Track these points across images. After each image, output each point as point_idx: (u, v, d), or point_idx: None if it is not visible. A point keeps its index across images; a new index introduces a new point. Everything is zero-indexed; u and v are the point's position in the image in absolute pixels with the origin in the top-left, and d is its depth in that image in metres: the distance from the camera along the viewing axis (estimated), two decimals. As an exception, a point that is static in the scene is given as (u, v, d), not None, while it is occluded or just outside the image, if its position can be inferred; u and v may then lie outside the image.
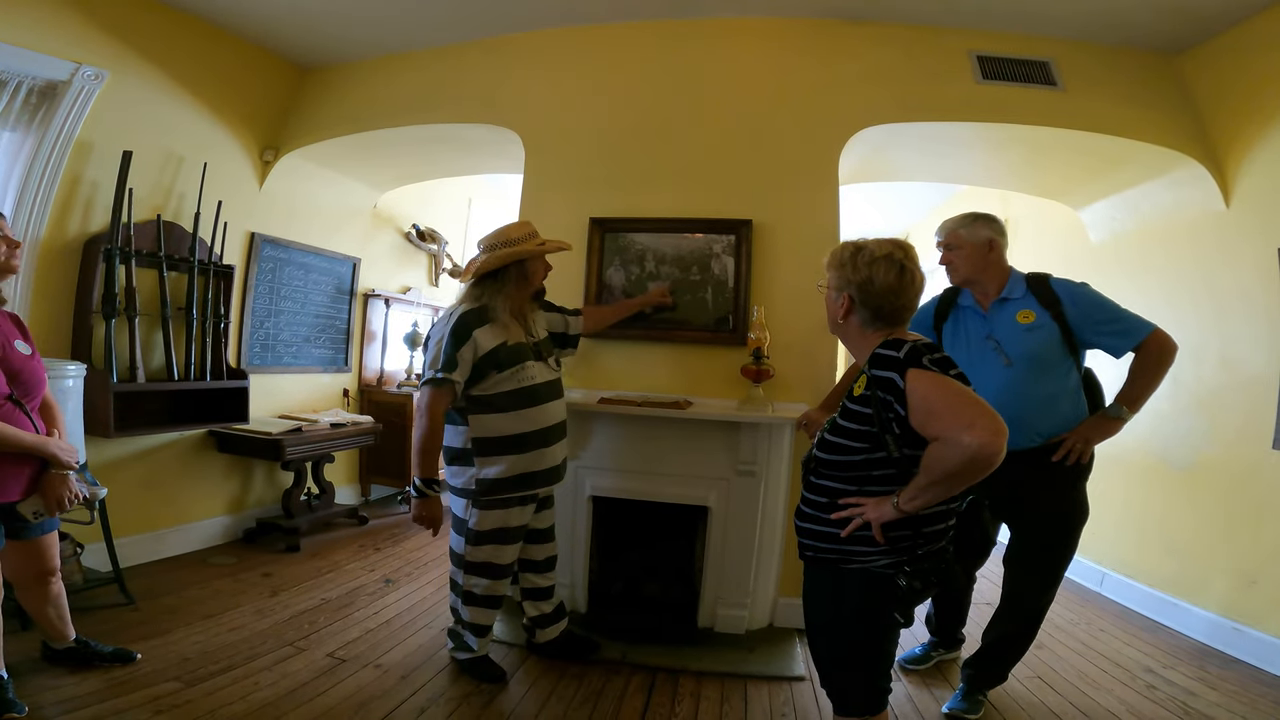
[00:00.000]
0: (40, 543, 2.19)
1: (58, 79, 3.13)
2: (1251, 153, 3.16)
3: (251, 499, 4.38)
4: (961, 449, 1.34)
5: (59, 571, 2.31)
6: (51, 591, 2.30)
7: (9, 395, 1.98)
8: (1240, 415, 3.20)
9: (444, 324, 2.48)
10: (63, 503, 2.11)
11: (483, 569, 2.57)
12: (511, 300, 2.54)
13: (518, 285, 2.56)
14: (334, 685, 2.49)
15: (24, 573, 2.20)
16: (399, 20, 3.81)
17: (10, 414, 1.98)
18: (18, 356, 2.05)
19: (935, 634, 2.89)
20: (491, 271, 2.54)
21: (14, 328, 2.14)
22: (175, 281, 3.71)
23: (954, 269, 2.41)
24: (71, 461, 2.13)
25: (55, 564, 2.28)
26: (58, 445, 2.10)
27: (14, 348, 2.06)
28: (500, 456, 2.50)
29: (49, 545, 2.24)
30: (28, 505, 2.06)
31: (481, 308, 2.50)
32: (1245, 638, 3.05)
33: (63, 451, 2.10)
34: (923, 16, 3.43)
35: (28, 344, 2.14)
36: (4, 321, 2.10)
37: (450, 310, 2.54)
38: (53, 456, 2.06)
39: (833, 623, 1.66)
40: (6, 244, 2.05)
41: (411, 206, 5.81)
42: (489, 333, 2.46)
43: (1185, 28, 3.24)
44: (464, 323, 2.44)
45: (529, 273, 2.61)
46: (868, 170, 4.10)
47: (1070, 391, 2.25)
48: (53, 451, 2.06)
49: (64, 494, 2.11)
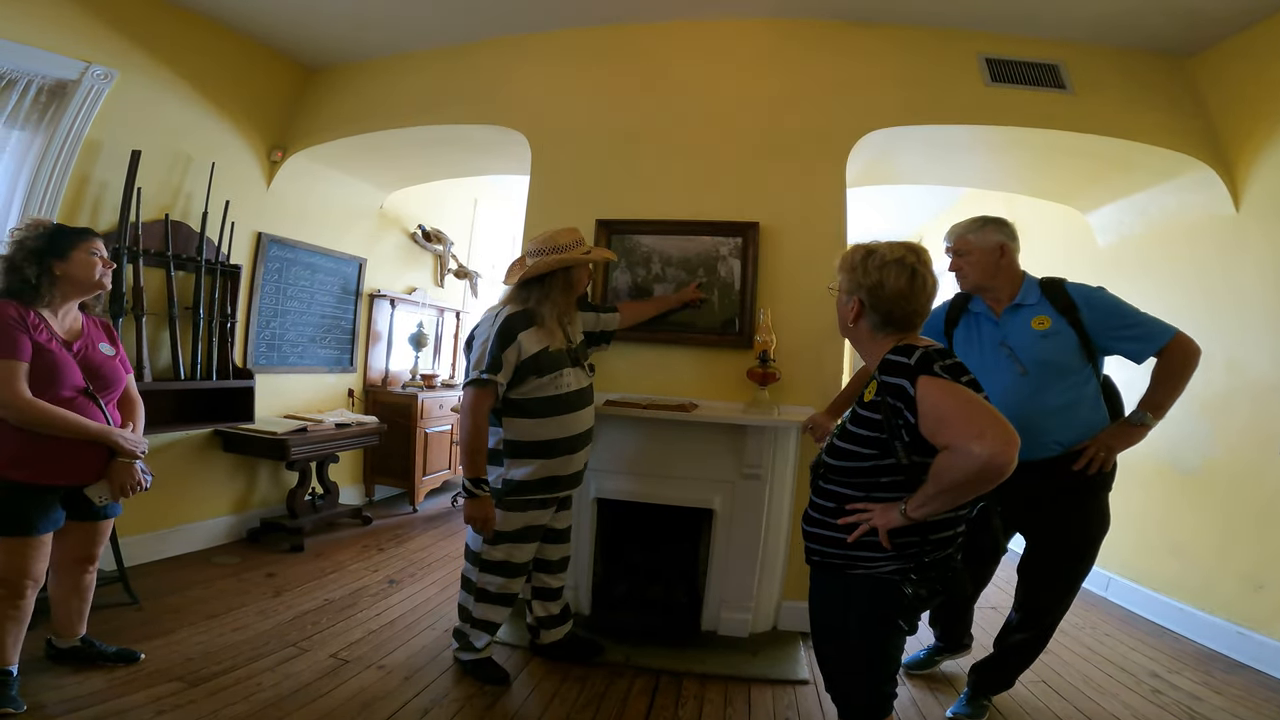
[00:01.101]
0: (97, 527, 2.38)
1: (67, 78, 3.14)
2: (1262, 156, 3.14)
3: (256, 499, 4.39)
4: (971, 458, 1.32)
5: (98, 561, 2.45)
6: (84, 580, 2.43)
7: (85, 389, 2.22)
8: (1247, 419, 3.19)
9: (489, 325, 2.48)
10: (126, 489, 2.30)
11: (499, 567, 2.58)
12: (557, 306, 2.55)
13: (563, 291, 2.58)
14: (337, 686, 2.49)
15: (70, 556, 2.35)
16: (406, 21, 3.82)
17: (84, 405, 2.21)
18: (99, 356, 2.32)
19: (940, 638, 2.86)
20: (537, 276, 2.54)
21: (100, 331, 2.42)
22: (182, 281, 3.72)
23: (963, 276, 2.35)
24: (135, 450, 2.31)
25: (98, 551, 2.43)
26: (121, 434, 2.28)
27: (97, 349, 2.33)
28: (530, 460, 2.52)
29: (102, 532, 2.41)
30: (95, 490, 2.26)
31: (527, 311, 2.50)
32: (1251, 642, 3.03)
33: (126, 440, 2.28)
34: (932, 19, 3.42)
35: (112, 346, 2.41)
36: (92, 326, 2.38)
37: (495, 311, 2.54)
38: (115, 444, 2.25)
39: (838, 628, 1.66)
40: (103, 263, 2.32)
41: (417, 207, 5.82)
42: (533, 336, 2.47)
43: (1195, 31, 3.23)
44: (510, 325, 2.45)
45: (574, 280, 2.62)
46: (874, 173, 4.08)
47: (1089, 399, 2.18)
48: (115, 439, 2.25)
49: (128, 481, 2.30)
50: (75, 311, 2.33)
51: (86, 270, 2.26)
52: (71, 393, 2.17)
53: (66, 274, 2.21)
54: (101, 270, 2.31)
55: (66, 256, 2.21)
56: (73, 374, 2.18)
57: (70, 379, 2.17)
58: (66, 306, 2.27)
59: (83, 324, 2.34)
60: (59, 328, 2.22)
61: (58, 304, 2.23)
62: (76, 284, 2.25)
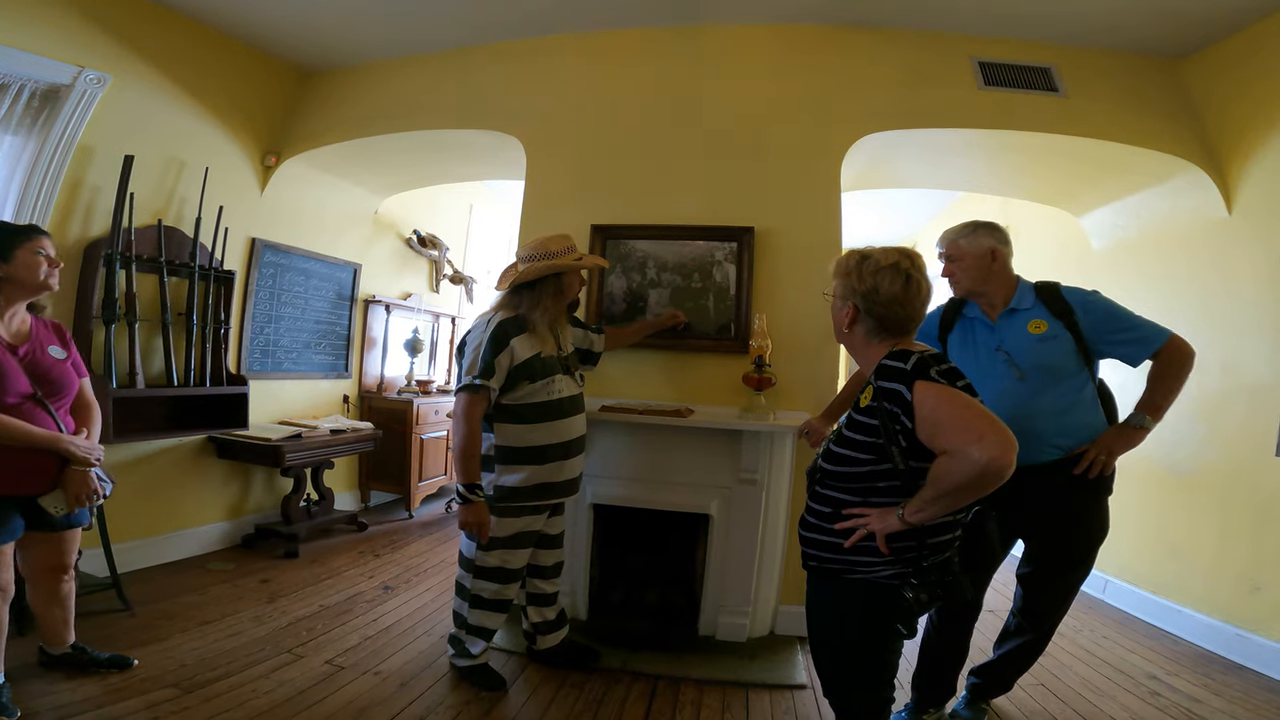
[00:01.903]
0: (62, 537, 2.29)
1: (60, 83, 3.13)
2: (1254, 159, 3.16)
3: (250, 505, 4.36)
4: (970, 462, 1.32)
5: (72, 570, 2.38)
6: (62, 590, 2.37)
7: (32, 395, 2.11)
8: (1242, 422, 3.20)
9: (481, 330, 2.48)
10: (81, 499, 2.19)
11: (493, 573, 2.57)
12: (548, 312, 2.55)
13: (554, 298, 2.57)
14: (332, 693, 2.47)
15: (40, 566, 2.28)
16: (402, 25, 3.82)
17: (31, 412, 2.10)
18: (48, 360, 2.20)
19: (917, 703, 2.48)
20: (529, 282, 2.54)
21: (50, 334, 2.29)
22: (176, 287, 3.71)
23: (956, 281, 2.32)
24: (87, 457, 2.20)
25: (70, 560, 2.35)
26: (72, 441, 2.16)
27: (46, 352, 2.21)
28: (522, 466, 2.51)
29: (69, 541, 2.33)
30: (50, 500, 2.15)
31: (519, 317, 2.50)
32: (1249, 644, 3.04)
33: (77, 448, 2.17)
34: (925, 22, 3.43)
35: (64, 349, 2.29)
36: (42, 329, 2.26)
37: (487, 317, 2.54)
38: (67, 452, 2.14)
39: (836, 633, 1.65)
40: (49, 263, 2.20)
41: (413, 212, 5.82)
42: (525, 342, 2.47)
43: (1187, 33, 3.25)
44: (503, 330, 2.45)
45: (565, 286, 2.62)
46: (869, 177, 4.10)
47: (1086, 402, 2.18)
48: (66, 447, 2.14)
49: (83, 490, 2.19)
50: (23, 313, 2.22)
51: (31, 272, 2.14)
52: (17, 399, 2.07)
53: (10, 275, 2.11)
54: (47, 270, 2.19)
55: (9, 257, 2.10)
56: (17, 380, 2.07)
57: (15, 385, 2.06)
58: (13, 309, 2.16)
59: (31, 326, 2.23)
60: (4, 331, 2.12)
61: (2, 307, 2.12)
62: (21, 286, 2.14)
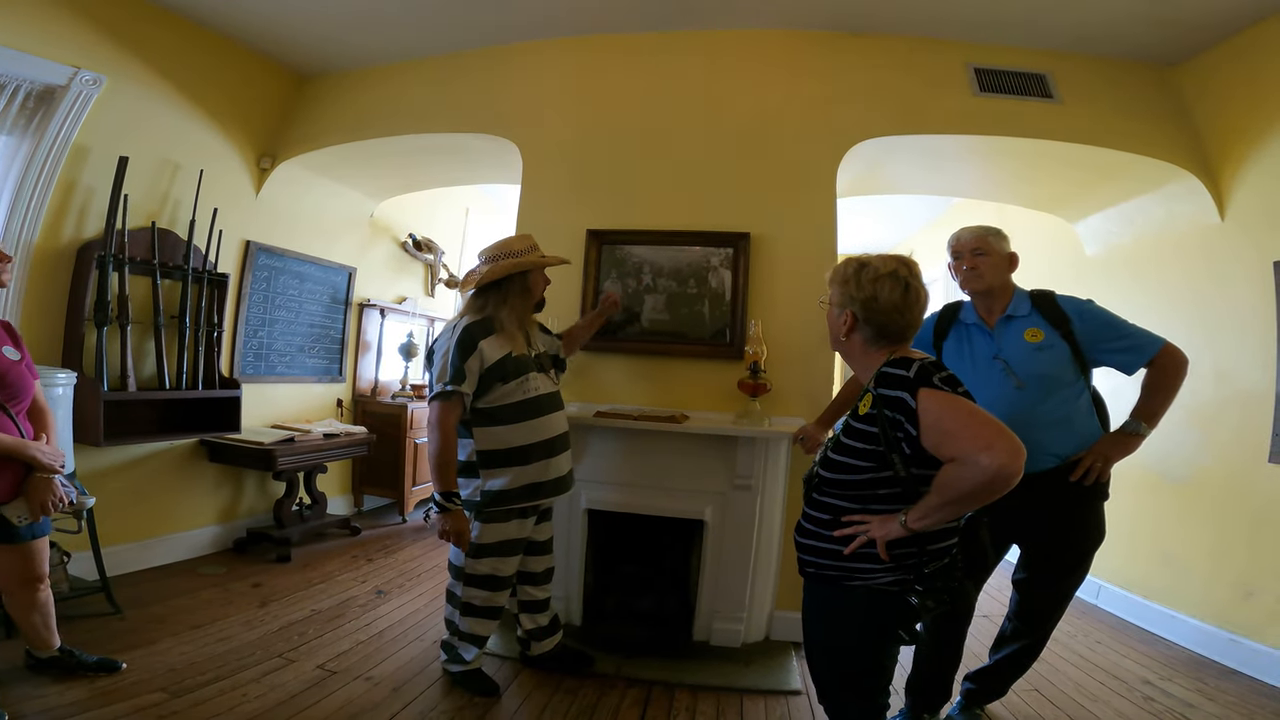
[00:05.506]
0: (29, 548, 2.18)
1: (55, 83, 3.12)
2: (1246, 166, 3.18)
3: (242, 509, 4.34)
4: (980, 470, 1.31)
5: (47, 579, 2.31)
6: (39, 599, 2.29)
7: None
8: (1236, 429, 3.21)
9: (448, 336, 2.46)
10: (46, 507, 2.10)
11: (483, 581, 2.55)
12: (515, 311, 2.54)
13: (520, 296, 2.57)
14: (324, 698, 2.45)
15: (11, 578, 2.20)
16: (398, 29, 3.82)
17: None
18: (4, 361, 2.08)
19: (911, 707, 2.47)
20: (494, 282, 2.53)
21: (3, 334, 2.18)
22: (169, 289, 3.69)
23: (978, 275, 2.29)
24: (53, 465, 2.13)
25: (43, 570, 2.28)
26: (38, 448, 2.09)
27: (1, 353, 2.09)
28: (505, 468, 2.49)
29: (37, 551, 2.23)
30: (12, 509, 2.06)
31: (486, 319, 2.49)
32: (1242, 649, 3.04)
33: (44, 455, 2.10)
34: (921, 29, 3.45)
35: (17, 349, 2.17)
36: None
37: (453, 323, 2.52)
38: (33, 459, 2.07)
39: (832, 639, 1.65)
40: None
41: (408, 216, 5.81)
42: (494, 343, 2.45)
43: (1180, 40, 3.28)
44: (469, 334, 2.43)
45: (530, 284, 2.61)
46: (864, 183, 4.11)
47: (1083, 410, 2.19)
48: (32, 454, 2.06)
49: (48, 499, 2.10)
50: None
51: None
52: None
53: None
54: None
55: None
56: None
57: None
58: None
59: None
60: None
61: None
62: None
